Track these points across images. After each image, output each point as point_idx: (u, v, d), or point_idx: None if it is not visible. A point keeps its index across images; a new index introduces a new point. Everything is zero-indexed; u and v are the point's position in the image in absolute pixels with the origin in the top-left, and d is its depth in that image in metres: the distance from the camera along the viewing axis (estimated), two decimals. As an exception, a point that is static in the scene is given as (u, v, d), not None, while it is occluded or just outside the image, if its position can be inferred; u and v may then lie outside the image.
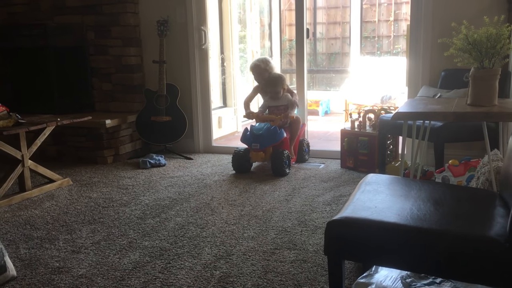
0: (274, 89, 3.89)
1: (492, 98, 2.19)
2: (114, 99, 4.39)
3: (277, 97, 3.89)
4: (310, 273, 2.08)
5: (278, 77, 3.94)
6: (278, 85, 3.88)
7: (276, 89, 3.88)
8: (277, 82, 3.89)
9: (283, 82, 3.91)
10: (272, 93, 3.91)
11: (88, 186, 3.44)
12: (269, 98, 3.95)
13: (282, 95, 3.90)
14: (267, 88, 3.94)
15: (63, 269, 2.19)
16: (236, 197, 3.11)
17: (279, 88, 3.88)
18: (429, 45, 3.58)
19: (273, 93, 3.90)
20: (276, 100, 3.90)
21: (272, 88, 3.90)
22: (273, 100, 3.92)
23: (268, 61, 4.05)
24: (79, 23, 4.30)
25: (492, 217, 1.51)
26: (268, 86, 3.92)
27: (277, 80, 3.90)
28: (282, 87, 3.89)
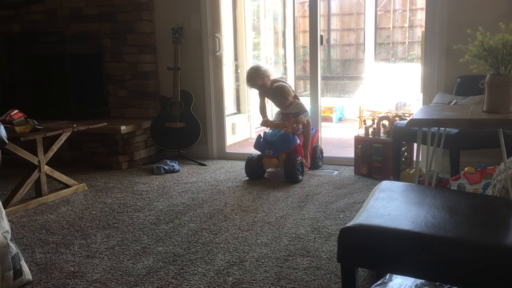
0: (278, 100, 3.87)
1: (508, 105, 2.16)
2: (129, 106, 4.44)
3: (284, 107, 3.88)
4: (323, 281, 2.07)
5: (279, 88, 3.86)
6: (280, 97, 3.85)
7: (279, 101, 3.86)
8: (278, 94, 3.85)
9: (285, 92, 3.84)
10: (276, 104, 3.91)
11: (103, 192, 3.47)
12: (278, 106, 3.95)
13: (291, 103, 3.87)
14: (273, 101, 3.95)
15: (78, 273, 2.21)
16: (249, 203, 3.12)
17: (283, 100, 3.85)
18: (444, 52, 3.55)
19: (278, 104, 3.90)
20: (286, 108, 3.89)
21: (275, 100, 3.89)
22: (283, 109, 3.91)
23: (258, 68, 3.93)
24: (95, 30, 4.37)
25: (508, 226, 1.49)
26: (273, 99, 3.92)
27: (278, 92, 3.85)
28: (285, 97, 3.84)
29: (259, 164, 3.68)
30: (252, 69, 3.97)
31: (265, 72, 3.91)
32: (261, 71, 3.91)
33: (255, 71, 3.92)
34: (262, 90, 3.97)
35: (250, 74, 3.94)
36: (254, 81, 3.91)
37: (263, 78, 3.90)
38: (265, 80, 3.91)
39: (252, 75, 3.91)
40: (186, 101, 4.21)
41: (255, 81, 3.91)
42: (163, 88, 4.41)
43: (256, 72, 3.90)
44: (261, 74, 3.89)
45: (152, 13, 4.34)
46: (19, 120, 3.13)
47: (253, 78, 3.91)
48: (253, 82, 3.93)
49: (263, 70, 3.93)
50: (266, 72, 3.92)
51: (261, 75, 3.89)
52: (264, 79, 3.91)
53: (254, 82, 3.92)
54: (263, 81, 3.90)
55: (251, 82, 3.95)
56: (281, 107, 3.90)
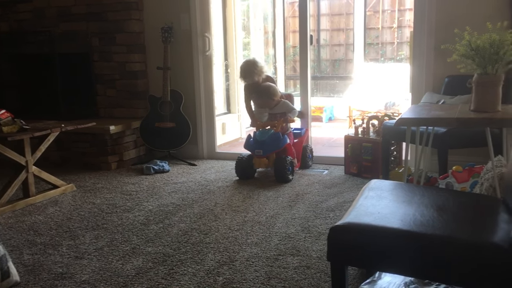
0: (264, 100, 3.80)
1: (495, 104, 2.19)
2: (118, 105, 4.41)
3: (269, 107, 3.82)
4: (313, 279, 2.08)
5: (266, 89, 3.81)
6: (266, 97, 3.79)
7: (265, 101, 3.79)
8: (265, 95, 3.78)
9: (272, 93, 3.79)
10: (260, 103, 3.83)
11: (92, 192, 3.45)
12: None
13: (277, 103, 3.83)
14: (257, 100, 3.84)
15: (66, 275, 2.19)
16: (240, 203, 3.11)
17: (269, 100, 3.79)
18: (432, 52, 3.58)
19: (263, 104, 3.82)
20: (273, 108, 3.84)
21: (260, 100, 3.81)
22: (270, 109, 3.84)
23: (256, 63, 3.81)
24: (84, 30, 4.34)
25: (496, 223, 1.50)
26: (258, 98, 3.83)
27: (264, 93, 3.79)
28: (272, 98, 3.79)
29: (249, 164, 3.67)
30: (249, 63, 3.84)
31: (261, 69, 3.83)
32: (258, 67, 3.81)
33: (253, 66, 3.80)
34: (253, 86, 3.86)
35: (248, 68, 3.80)
36: (251, 76, 3.79)
37: (260, 74, 3.83)
38: (260, 76, 3.84)
39: (250, 70, 3.79)
40: (176, 101, 4.19)
41: (252, 76, 3.79)
42: (152, 88, 4.39)
43: (253, 67, 3.79)
44: (258, 70, 3.80)
45: (141, 12, 4.31)
46: (6, 120, 3.09)
47: (251, 73, 3.79)
48: (249, 76, 3.80)
49: (260, 66, 3.83)
50: (262, 68, 3.84)
51: (258, 71, 3.80)
52: (260, 76, 3.84)
53: (250, 77, 3.81)
54: (258, 77, 3.82)
55: (247, 76, 3.81)
56: (267, 107, 3.83)
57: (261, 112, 3.86)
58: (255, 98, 3.86)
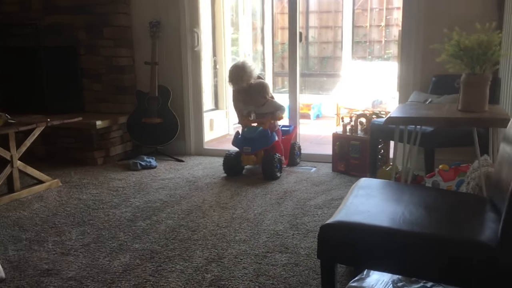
0: (255, 98, 3.78)
1: (482, 104, 2.22)
2: (105, 100, 4.36)
3: (259, 106, 3.81)
4: (301, 277, 2.08)
5: (260, 87, 3.79)
6: (258, 95, 3.77)
7: (257, 99, 3.77)
8: (257, 93, 3.76)
9: (265, 91, 3.78)
10: (249, 101, 3.81)
11: (78, 188, 3.41)
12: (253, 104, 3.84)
13: (265, 103, 3.82)
14: (248, 97, 3.80)
15: (52, 271, 2.17)
16: (228, 200, 3.11)
17: (261, 99, 3.77)
18: (420, 51, 3.61)
19: (253, 102, 3.80)
20: (261, 108, 3.83)
21: (252, 98, 3.79)
22: (257, 107, 3.83)
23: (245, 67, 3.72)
24: (70, 23, 4.27)
25: (483, 222, 1.52)
26: (250, 95, 3.79)
27: (257, 91, 3.77)
28: (264, 96, 3.78)
29: (237, 161, 3.67)
30: (238, 68, 3.74)
31: (251, 73, 3.74)
32: (247, 72, 3.72)
33: (243, 70, 3.71)
34: (243, 89, 3.80)
35: (238, 73, 3.72)
36: (242, 80, 3.72)
37: (250, 78, 3.74)
38: (249, 81, 3.75)
39: (240, 75, 3.71)
40: (164, 97, 4.16)
41: (243, 81, 3.72)
42: (140, 83, 4.35)
43: (243, 72, 3.70)
44: (247, 76, 3.71)
45: (129, 6, 4.26)
46: (-10, 114, 3.04)
47: (241, 78, 3.71)
48: (240, 81, 3.73)
49: (249, 71, 3.73)
50: (252, 73, 3.75)
51: (247, 77, 3.72)
52: (249, 81, 3.75)
53: (241, 82, 3.73)
54: (248, 82, 3.74)
55: (238, 81, 3.74)
56: (256, 106, 3.82)
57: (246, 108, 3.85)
58: (246, 96, 3.80)
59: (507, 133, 1.67)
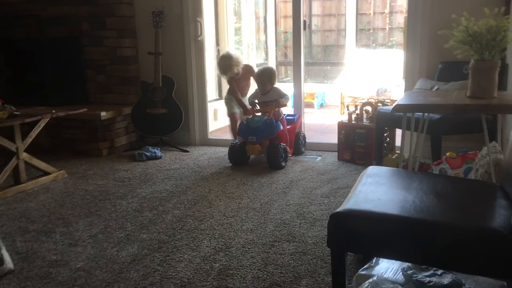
0: (263, 83, 3.80)
1: (491, 90, 2.19)
2: (109, 91, 4.35)
3: (265, 92, 3.81)
4: (310, 265, 2.08)
5: (269, 72, 3.85)
6: (267, 80, 3.78)
7: (265, 84, 3.78)
8: (267, 78, 3.79)
9: (273, 77, 3.82)
10: (259, 86, 3.84)
11: (84, 179, 3.41)
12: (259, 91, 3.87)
13: (271, 90, 3.82)
14: (256, 81, 3.88)
15: (61, 262, 2.17)
16: (234, 189, 3.10)
17: (268, 84, 3.78)
18: (426, 38, 3.57)
19: (261, 87, 3.82)
20: (265, 95, 3.82)
21: (260, 81, 3.82)
22: (261, 96, 3.83)
23: (231, 57, 3.91)
24: (73, 13, 4.25)
25: (494, 209, 1.51)
26: (257, 79, 3.85)
27: (267, 76, 3.80)
28: (272, 82, 3.80)
29: (242, 151, 3.66)
30: (225, 58, 3.93)
31: (237, 59, 3.93)
32: (234, 59, 3.90)
33: (229, 59, 3.89)
34: (235, 77, 3.96)
35: (225, 63, 3.90)
36: (231, 70, 3.89)
37: (238, 66, 3.92)
38: (239, 67, 3.93)
39: (227, 64, 3.88)
40: (168, 87, 4.14)
41: (231, 70, 3.89)
42: (144, 73, 4.33)
43: (229, 61, 3.88)
44: (234, 62, 3.89)
45: (132, -4, 4.23)
46: (-5, 106, 3.03)
47: (229, 67, 3.88)
48: (229, 70, 3.90)
49: (236, 57, 3.93)
50: (238, 59, 3.94)
51: (235, 63, 3.89)
52: (239, 66, 3.92)
53: (230, 71, 3.90)
54: (238, 68, 3.92)
55: (227, 70, 3.91)
56: (262, 92, 3.83)
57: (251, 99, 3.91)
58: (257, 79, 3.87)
59: (518, 119, 1.65)
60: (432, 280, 1.63)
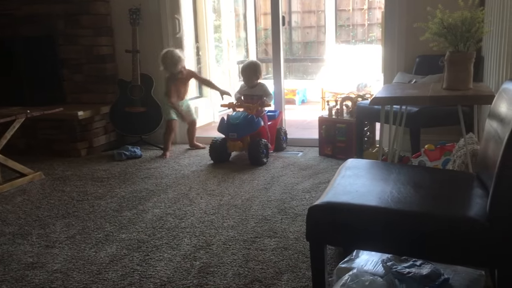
0: (249, 76, 3.79)
1: (467, 81, 2.21)
2: (86, 90, 4.28)
3: (251, 85, 3.83)
4: (291, 260, 2.07)
5: (255, 65, 3.84)
6: (252, 74, 3.78)
7: (251, 78, 3.78)
8: (253, 71, 3.79)
9: (259, 71, 3.81)
10: (245, 79, 3.84)
11: (61, 180, 3.35)
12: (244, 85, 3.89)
13: (257, 85, 3.83)
14: (243, 74, 3.85)
15: (37, 264, 2.12)
16: (215, 187, 3.08)
17: (254, 77, 3.78)
18: (403, 32, 3.59)
19: (247, 80, 3.83)
20: (251, 89, 3.84)
21: (246, 75, 3.81)
22: (247, 89, 3.86)
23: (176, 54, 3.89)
24: (48, 12, 4.16)
25: (471, 198, 1.52)
26: (244, 73, 3.84)
27: (253, 69, 3.80)
28: (257, 76, 3.80)
29: (224, 147, 3.63)
30: (171, 54, 3.87)
31: (182, 58, 3.93)
32: (179, 56, 3.89)
33: (175, 58, 3.87)
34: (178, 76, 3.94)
35: (172, 59, 3.86)
36: (176, 67, 3.88)
37: (183, 63, 3.93)
38: (184, 67, 3.95)
39: (174, 61, 3.86)
40: (147, 85, 4.09)
41: (177, 67, 3.88)
42: (121, 72, 4.26)
43: (176, 59, 3.86)
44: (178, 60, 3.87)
45: (108, -7, 4.17)
46: (-33, 107, 2.95)
47: (175, 64, 3.87)
48: (174, 66, 3.87)
49: (181, 55, 3.92)
50: (182, 58, 3.93)
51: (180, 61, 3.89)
52: (184, 66, 3.95)
53: (175, 68, 3.88)
54: (183, 67, 3.93)
55: (173, 67, 3.88)
56: (248, 85, 3.82)
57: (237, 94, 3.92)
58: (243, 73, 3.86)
59: (492, 109, 1.67)
60: (412, 271, 1.64)
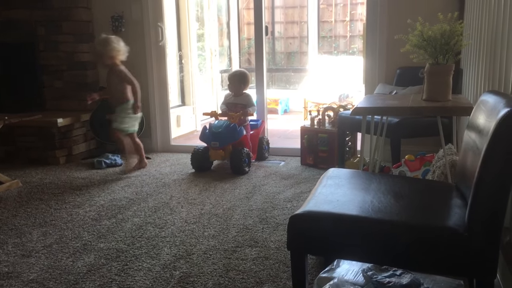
0: (236, 85, 3.81)
1: (446, 93, 2.25)
2: (66, 97, 4.22)
3: (237, 94, 3.84)
4: (272, 270, 2.06)
5: (244, 75, 3.85)
6: (240, 83, 3.80)
7: (237, 86, 3.80)
8: (242, 80, 3.81)
9: (247, 81, 3.83)
10: (231, 88, 3.85)
11: (39, 188, 3.28)
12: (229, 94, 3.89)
13: (243, 94, 3.85)
14: (230, 81, 3.85)
15: (13, 274, 2.07)
16: (196, 195, 3.05)
17: (241, 86, 3.80)
18: (384, 44, 3.64)
19: (233, 89, 3.84)
20: (235, 97, 3.85)
21: (234, 83, 3.82)
22: (232, 97, 3.86)
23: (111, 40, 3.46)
24: (28, 18, 4.10)
25: (450, 208, 1.53)
26: (231, 80, 3.84)
27: (241, 78, 3.81)
28: (245, 85, 3.83)
29: (205, 156, 3.61)
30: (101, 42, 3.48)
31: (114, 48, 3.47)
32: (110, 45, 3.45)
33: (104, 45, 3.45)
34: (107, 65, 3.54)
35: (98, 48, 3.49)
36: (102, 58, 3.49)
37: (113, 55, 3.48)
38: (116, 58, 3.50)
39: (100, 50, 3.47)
40: (128, 93, 4.04)
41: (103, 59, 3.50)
42: (102, 79, 4.22)
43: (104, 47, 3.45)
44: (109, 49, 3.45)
45: (89, 0, 4.13)
46: None
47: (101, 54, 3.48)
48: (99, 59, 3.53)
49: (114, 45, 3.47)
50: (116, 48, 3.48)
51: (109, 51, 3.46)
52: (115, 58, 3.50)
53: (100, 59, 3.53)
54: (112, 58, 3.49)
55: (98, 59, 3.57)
56: (234, 93, 3.83)
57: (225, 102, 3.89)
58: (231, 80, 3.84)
59: (471, 121, 1.69)
60: (392, 280, 1.64)
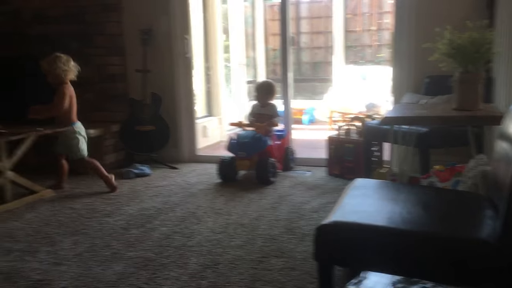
0: (264, 95, 3.85)
1: (476, 102, 2.21)
2: (97, 109, 4.32)
3: (263, 104, 3.86)
4: (298, 281, 2.05)
5: (272, 86, 3.90)
6: (268, 93, 3.85)
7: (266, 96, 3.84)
8: (270, 90, 3.86)
9: (274, 92, 3.88)
10: (259, 97, 3.89)
11: (70, 197, 3.36)
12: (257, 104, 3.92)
13: (269, 104, 3.87)
14: (258, 91, 3.90)
15: (44, 281, 2.12)
16: (222, 205, 3.07)
17: (269, 96, 3.84)
18: (412, 52, 3.60)
19: (261, 98, 3.87)
20: (262, 108, 3.87)
21: (261, 93, 3.86)
22: (260, 107, 3.89)
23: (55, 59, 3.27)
24: (60, 31, 4.24)
25: (481, 219, 1.50)
26: (259, 90, 3.89)
27: (270, 88, 3.87)
28: (272, 96, 3.87)
29: (232, 166, 3.63)
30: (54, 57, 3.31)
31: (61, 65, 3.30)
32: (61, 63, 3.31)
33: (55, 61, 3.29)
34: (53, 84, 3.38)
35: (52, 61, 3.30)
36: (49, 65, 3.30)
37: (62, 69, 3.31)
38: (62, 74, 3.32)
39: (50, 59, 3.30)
40: (156, 104, 4.13)
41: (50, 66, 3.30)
42: (132, 91, 4.31)
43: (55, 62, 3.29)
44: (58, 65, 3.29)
45: (121, 14, 4.24)
46: (-20, 124, 3.00)
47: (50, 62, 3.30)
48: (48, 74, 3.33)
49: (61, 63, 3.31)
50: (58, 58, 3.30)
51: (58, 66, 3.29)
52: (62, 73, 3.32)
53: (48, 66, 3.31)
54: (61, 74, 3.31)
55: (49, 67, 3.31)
56: (261, 103, 3.87)
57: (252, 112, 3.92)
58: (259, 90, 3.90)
59: (502, 130, 1.66)
60: (422, 293, 1.61)
